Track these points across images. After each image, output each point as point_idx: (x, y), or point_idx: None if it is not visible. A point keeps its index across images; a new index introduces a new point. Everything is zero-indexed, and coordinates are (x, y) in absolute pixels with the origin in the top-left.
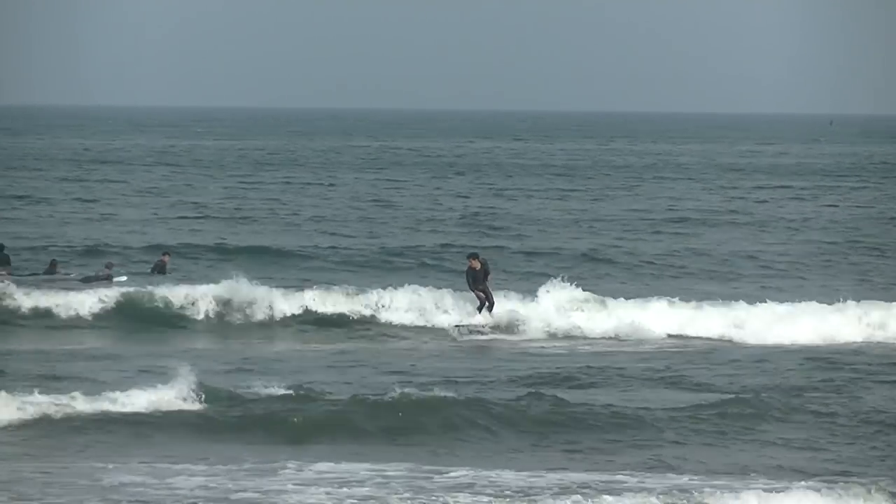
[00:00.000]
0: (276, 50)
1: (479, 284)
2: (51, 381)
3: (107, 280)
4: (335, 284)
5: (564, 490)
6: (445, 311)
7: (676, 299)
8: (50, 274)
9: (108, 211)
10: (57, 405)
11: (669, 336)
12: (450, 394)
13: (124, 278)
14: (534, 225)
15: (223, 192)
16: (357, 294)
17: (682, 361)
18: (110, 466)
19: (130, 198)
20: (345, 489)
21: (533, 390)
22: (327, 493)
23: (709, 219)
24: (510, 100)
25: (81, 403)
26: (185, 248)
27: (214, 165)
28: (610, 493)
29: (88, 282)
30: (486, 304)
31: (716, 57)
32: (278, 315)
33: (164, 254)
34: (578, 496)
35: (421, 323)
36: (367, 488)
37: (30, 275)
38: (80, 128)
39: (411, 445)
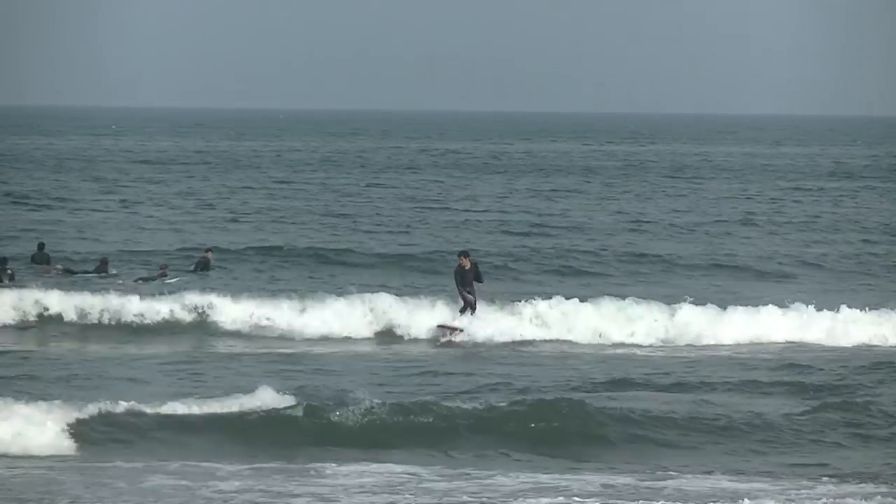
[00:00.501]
0: (282, 52)
1: (466, 285)
2: (93, 384)
3: (159, 280)
4: (381, 286)
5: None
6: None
7: (749, 306)
8: (101, 272)
9: (145, 211)
10: (99, 409)
11: (738, 341)
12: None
13: (177, 279)
14: (571, 225)
15: (262, 192)
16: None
17: (756, 366)
18: (148, 468)
19: (167, 198)
20: (399, 496)
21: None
22: (374, 495)
23: (749, 220)
24: (501, 102)
25: (137, 407)
26: (225, 247)
27: (251, 166)
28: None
29: (141, 281)
30: (470, 307)
31: (711, 58)
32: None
33: (207, 250)
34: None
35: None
36: (404, 494)
37: (82, 272)
38: (104, 128)
39: (452, 449)
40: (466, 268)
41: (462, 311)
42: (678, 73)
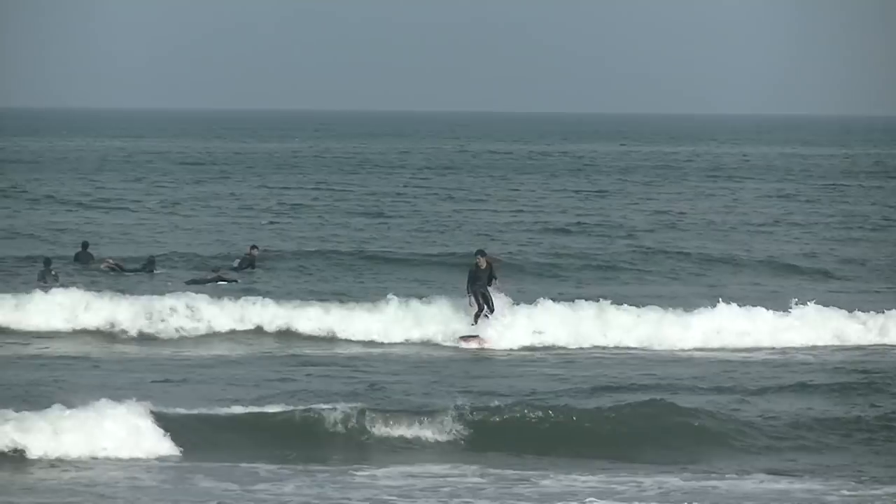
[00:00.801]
0: (282, 53)
1: (478, 287)
2: (120, 386)
3: (211, 283)
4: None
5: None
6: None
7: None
8: (148, 270)
9: (184, 212)
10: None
11: (778, 343)
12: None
13: (230, 283)
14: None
15: (298, 192)
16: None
17: (798, 367)
18: (196, 468)
19: (207, 199)
20: (447, 499)
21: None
22: (421, 499)
23: (787, 218)
24: (497, 102)
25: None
26: (266, 247)
27: (260, 165)
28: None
29: (193, 283)
30: (486, 309)
31: (692, 58)
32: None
33: (252, 247)
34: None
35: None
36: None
37: (131, 270)
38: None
39: (498, 452)
40: (482, 267)
41: (476, 316)
42: (676, 73)
